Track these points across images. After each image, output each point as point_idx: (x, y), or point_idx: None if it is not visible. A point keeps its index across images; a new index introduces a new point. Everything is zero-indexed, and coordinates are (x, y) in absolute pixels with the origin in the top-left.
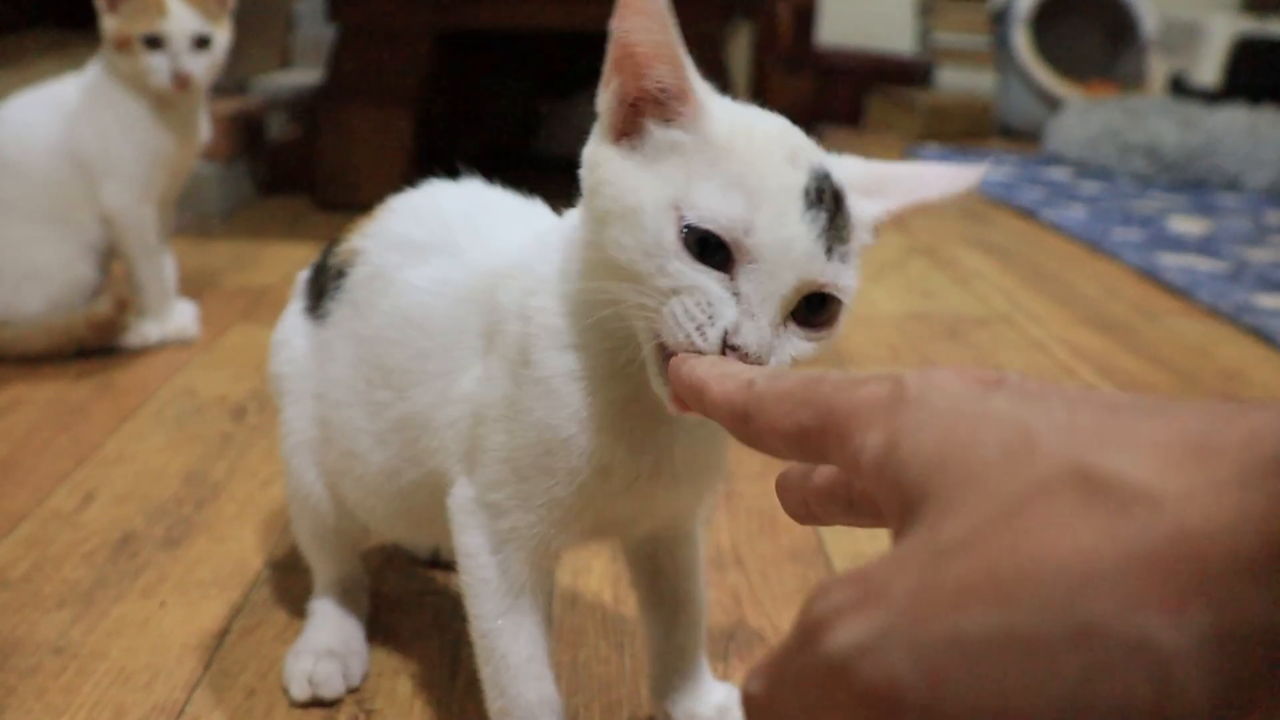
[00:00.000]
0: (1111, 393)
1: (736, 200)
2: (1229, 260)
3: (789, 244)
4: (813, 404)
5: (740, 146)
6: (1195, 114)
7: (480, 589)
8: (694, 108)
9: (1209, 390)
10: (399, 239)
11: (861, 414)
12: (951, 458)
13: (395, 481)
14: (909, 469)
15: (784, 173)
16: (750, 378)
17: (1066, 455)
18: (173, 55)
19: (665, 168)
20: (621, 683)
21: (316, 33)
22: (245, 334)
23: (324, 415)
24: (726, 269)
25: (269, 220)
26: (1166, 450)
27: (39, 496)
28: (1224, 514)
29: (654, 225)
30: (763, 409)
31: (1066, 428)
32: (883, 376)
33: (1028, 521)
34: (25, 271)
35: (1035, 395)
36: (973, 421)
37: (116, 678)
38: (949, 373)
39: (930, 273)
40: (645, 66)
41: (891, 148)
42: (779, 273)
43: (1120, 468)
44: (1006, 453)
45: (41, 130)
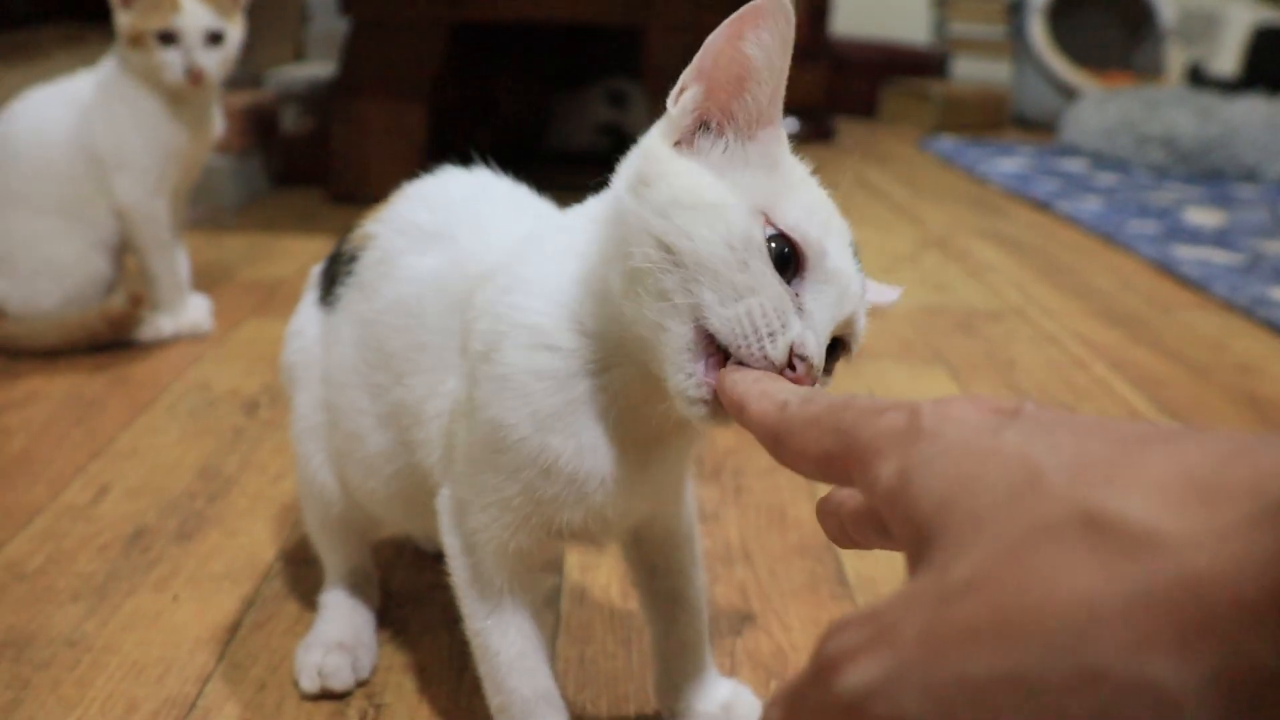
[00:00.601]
0: (1124, 423)
1: (816, 223)
2: (1245, 253)
3: (851, 277)
4: (837, 431)
5: (808, 182)
6: (1213, 104)
7: (465, 590)
8: (775, 131)
9: (1224, 384)
10: (407, 224)
11: (879, 444)
12: (959, 496)
13: (392, 464)
14: (920, 504)
15: (838, 218)
16: (784, 399)
17: (1072, 496)
18: (186, 50)
19: (741, 177)
20: (629, 678)
21: (330, 26)
22: (258, 327)
23: (329, 398)
24: (791, 285)
25: (282, 213)
26: (1172, 490)
27: (54, 490)
28: (1229, 558)
29: (742, 223)
30: (792, 434)
31: (1073, 465)
32: (902, 405)
33: (1033, 563)
34: (40, 266)
35: (1046, 428)
36: (982, 458)
37: (129, 671)
38: (966, 403)
39: (943, 266)
40: (750, 87)
41: (906, 138)
42: (842, 300)
43: (1125, 509)
44: (1013, 492)
45: (56, 125)
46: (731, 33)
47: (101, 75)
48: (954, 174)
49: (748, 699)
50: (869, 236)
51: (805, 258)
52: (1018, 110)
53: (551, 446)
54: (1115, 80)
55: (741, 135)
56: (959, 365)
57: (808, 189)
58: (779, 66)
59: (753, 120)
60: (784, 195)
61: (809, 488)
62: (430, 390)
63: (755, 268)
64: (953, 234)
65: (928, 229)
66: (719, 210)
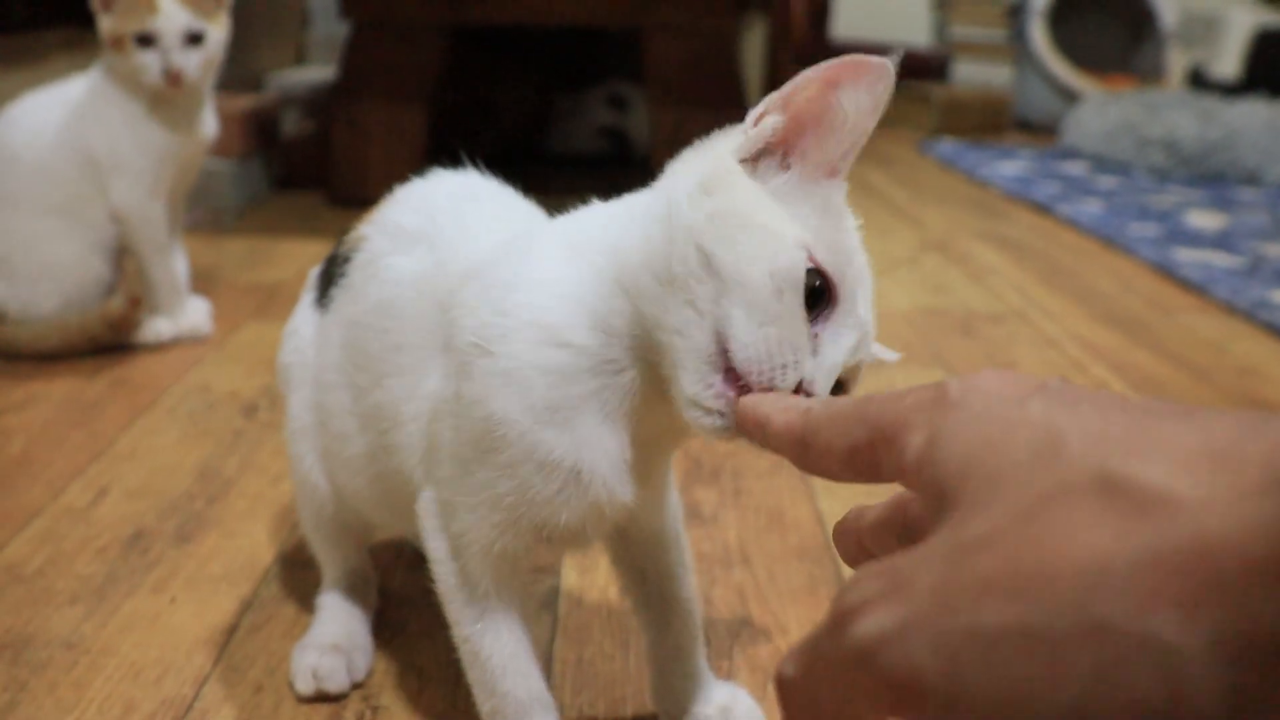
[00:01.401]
0: (1147, 400)
1: (853, 272)
2: (1246, 256)
3: (870, 330)
4: (864, 420)
5: (857, 236)
6: (1214, 107)
7: (451, 595)
8: (839, 184)
9: (1224, 387)
10: (393, 226)
11: (907, 418)
12: (982, 457)
13: (374, 466)
14: (943, 467)
15: (870, 276)
16: (808, 405)
17: (1091, 461)
18: (164, 52)
19: (796, 210)
20: (627, 681)
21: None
22: (258, 330)
23: (319, 399)
24: (813, 322)
25: (283, 216)
26: (1190, 457)
27: (53, 492)
28: (1241, 521)
29: (789, 254)
30: (818, 433)
31: (1096, 433)
32: (928, 385)
33: (1048, 521)
34: (40, 269)
35: (1071, 401)
36: (1006, 424)
37: (127, 673)
38: (992, 375)
39: (944, 268)
40: (830, 133)
41: (907, 142)
42: (857, 348)
43: (1142, 472)
44: (1034, 454)
45: (52, 129)
46: (830, 77)
47: (91, 79)
48: (955, 177)
49: (746, 702)
50: (869, 239)
51: (837, 299)
52: (1018, 113)
53: (548, 441)
54: (1116, 83)
55: (807, 176)
56: (959, 367)
57: (854, 240)
58: (864, 127)
59: (822, 166)
60: (831, 238)
61: (808, 489)
62: (408, 393)
63: (788, 299)
64: (953, 236)
65: (928, 231)
66: (771, 235)
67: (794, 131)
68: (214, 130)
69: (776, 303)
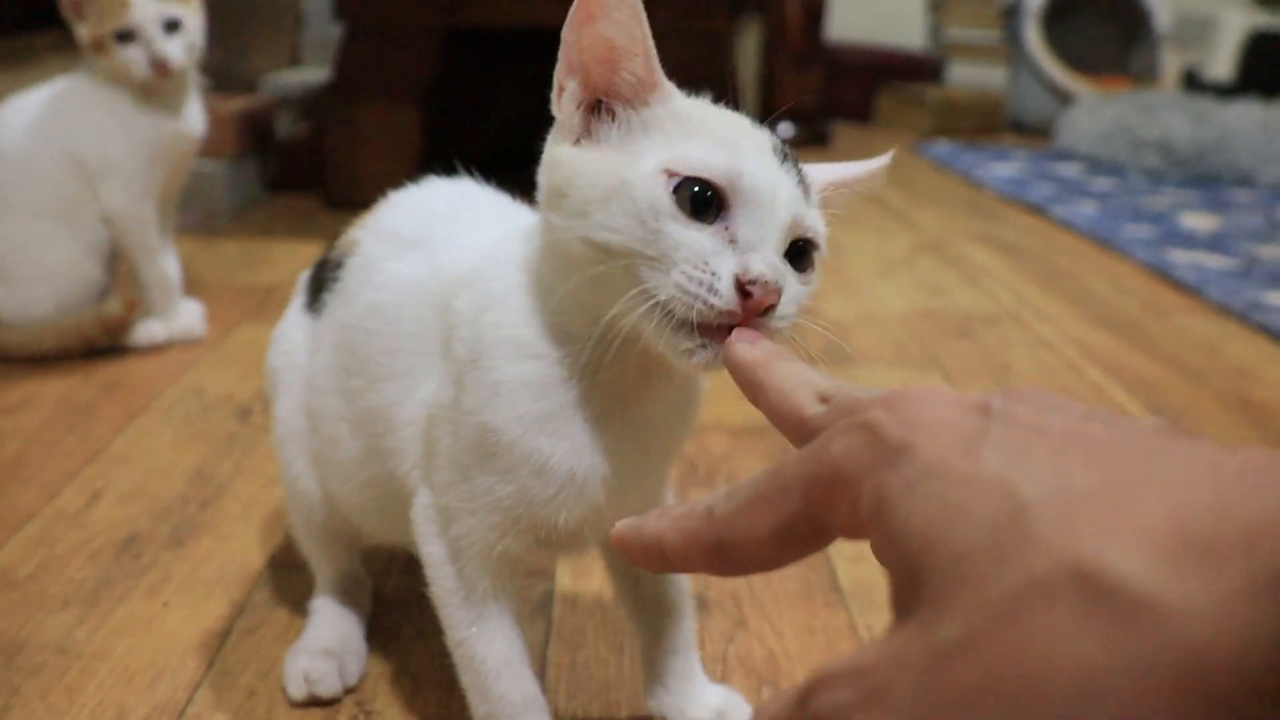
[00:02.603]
0: (1100, 428)
1: (722, 152)
2: (1240, 257)
3: (777, 185)
4: (788, 490)
5: (709, 115)
6: (1208, 109)
7: (447, 599)
8: (662, 91)
9: (1218, 389)
10: (387, 232)
11: (842, 471)
12: (941, 533)
13: (366, 471)
14: (901, 539)
15: (753, 133)
16: (705, 507)
17: (1061, 546)
18: (147, 43)
19: (640, 145)
20: (621, 684)
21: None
22: (252, 333)
23: (311, 403)
24: (721, 220)
25: (277, 218)
26: (1167, 545)
27: (46, 496)
28: (1233, 630)
29: (646, 193)
30: (733, 529)
31: (1059, 504)
32: (850, 425)
33: (1028, 626)
34: (34, 273)
35: (1022, 445)
36: (960, 486)
37: (120, 678)
38: (926, 403)
39: (939, 270)
40: (621, 61)
41: (901, 143)
42: (774, 210)
43: (1120, 569)
44: (999, 533)
45: (42, 130)
46: (582, 18)
47: (74, 80)
48: (949, 178)
49: (740, 706)
50: (864, 240)
51: (722, 188)
52: (1013, 115)
53: (543, 449)
54: (1110, 85)
55: (632, 108)
56: (954, 370)
57: (710, 121)
58: (639, 33)
59: (637, 91)
60: (680, 143)
61: None
62: (402, 396)
63: (669, 230)
64: (948, 238)
65: (923, 233)
66: (626, 190)
67: (593, 84)
68: (202, 126)
69: (664, 242)
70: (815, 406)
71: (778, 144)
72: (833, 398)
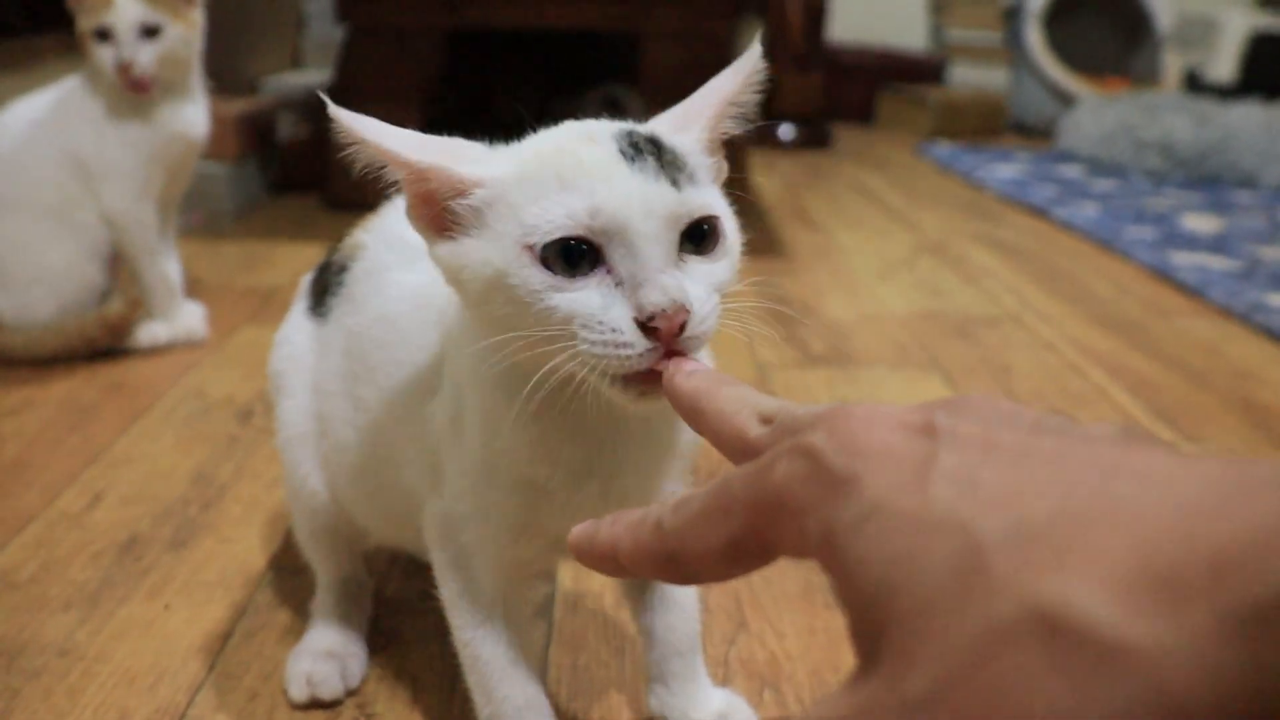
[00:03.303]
0: (1053, 447)
1: (563, 198)
2: (1242, 259)
3: (630, 197)
4: (732, 510)
5: (535, 164)
6: (1210, 110)
7: (455, 601)
8: (476, 181)
9: (1221, 390)
10: (396, 238)
11: (785, 498)
12: (900, 580)
13: (376, 477)
14: (858, 583)
15: (589, 151)
16: (655, 519)
17: (1021, 588)
18: (118, 45)
19: (492, 228)
20: (621, 687)
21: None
22: (254, 334)
23: (319, 407)
24: (602, 265)
25: (279, 220)
26: (1130, 582)
27: (48, 497)
28: (1204, 673)
29: (518, 279)
30: (684, 544)
31: (1015, 536)
32: (793, 449)
33: (996, 676)
34: (35, 275)
35: (971, 472)
36: (914, 527)
37: (121, 680)
38: (868, 424)
39: (939, 271)
40: (420, 187)
41: (903, 144)
42: (641, 226)
43: (1085, 610)
44: (957, 575)
45: (43, 133)
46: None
47: (76, 82)
48: (951, 180)
49: (742, 709)
50: (865, 241)
51: (586, 235)
52: (1014, 116)
53: (539, 474)
54: (1112, 86)
55: (465, 204)
56: (955, 371)
57: (547, 166)
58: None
59: (461, 193)
60: (530, 206)
61: None
62: (409, 411)
63: (555, 302)
64: (949, 239)
65: (924, 234)
66: (499, 280)
67: (421, 205)
68: (204, 129)
69: (554, 312)
70: (758, 428)
71: (623, 134)
72: (774, 417)
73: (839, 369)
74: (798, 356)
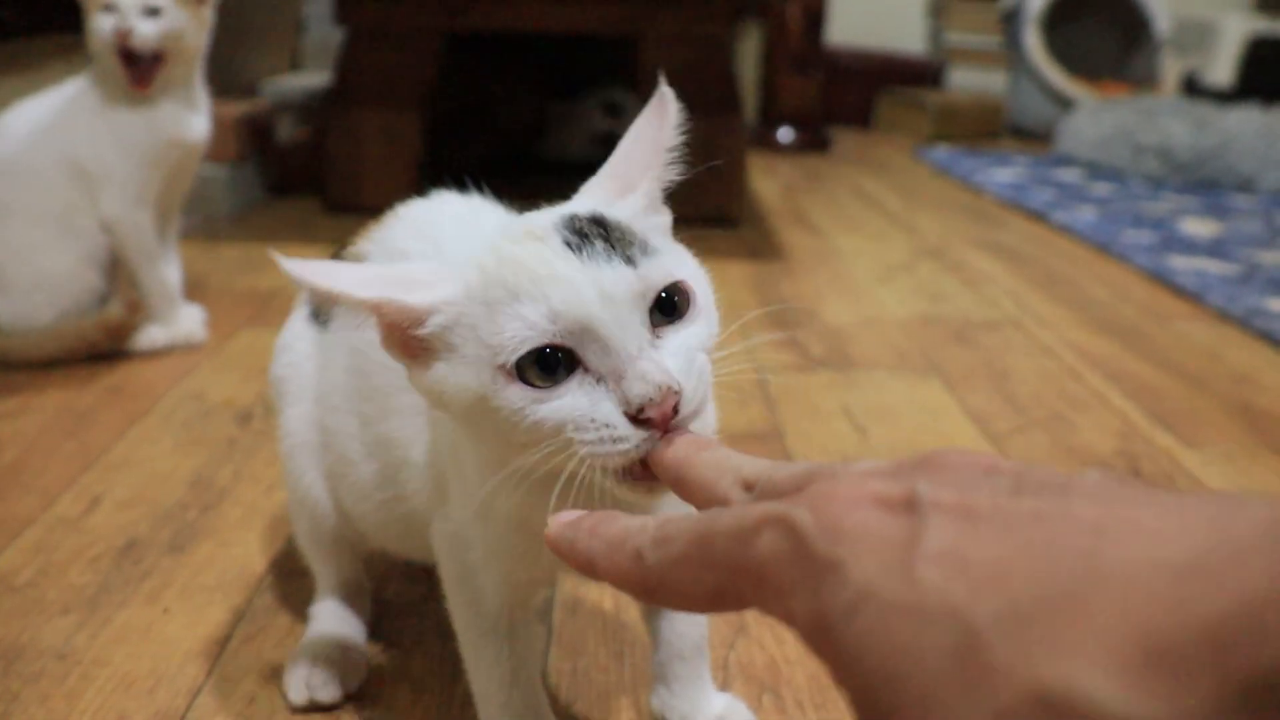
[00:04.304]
0: (1034, 510)
1: (520, 310)
2: (1240, 263)
3: (583, 289)
4: (714, 566)
5: (483, 279)
6: (1208, 114)
7: (461, 612)
8: (427, 309)
9: (1219, 395)
10: (397, 251)
11: (772, 578)
12: (903, 672)
13: (381, 492)
14: (856, 671)
15: (534, 252)
16: (636, 548)
17: (1024, 674)
18: (120, 14)
19: (459, 350)
20: (621, 691)
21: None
22: (253, 337)
23: (323, 420)
24: (579, 365)
25: (277, 223)
26: (1132, 660)
27: (46, 501)
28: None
29: (498, 396)
30: (665, 582)
31: (1009, 619)
32: (776, 521)
33: None
34: (34, 280)
35: (958, 552)
36: (906, 619)
37: (119, 684)
38: (846, 504)
39: (939, 275)
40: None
41: (901, 148)
42: (605, 316)
43: (1087, 691)
44: (957, 668)
45: (44, 137)
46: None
47: (77, 86)
48: (949, 184)
49: (742, 713)
50: (864, 246)
51: (554, 341)
52: (1013, 120)
53: (535, 521)
54: (1110, 90)
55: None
56: (954, 376)
57: (481, 284)
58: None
59: (410, 320)
60: (486, 331)
61: None
62: (414, 434)
63: (543, 414)
64: (948, 244)
65: (923, 238)
66: (482, 406)
67: (387, 330)
68: (205, 134)
69: (545, 423)
70: (740, 496)
71: (566, 223)
72: (756, 483)
73: (839, 372)
74: (798, 360)
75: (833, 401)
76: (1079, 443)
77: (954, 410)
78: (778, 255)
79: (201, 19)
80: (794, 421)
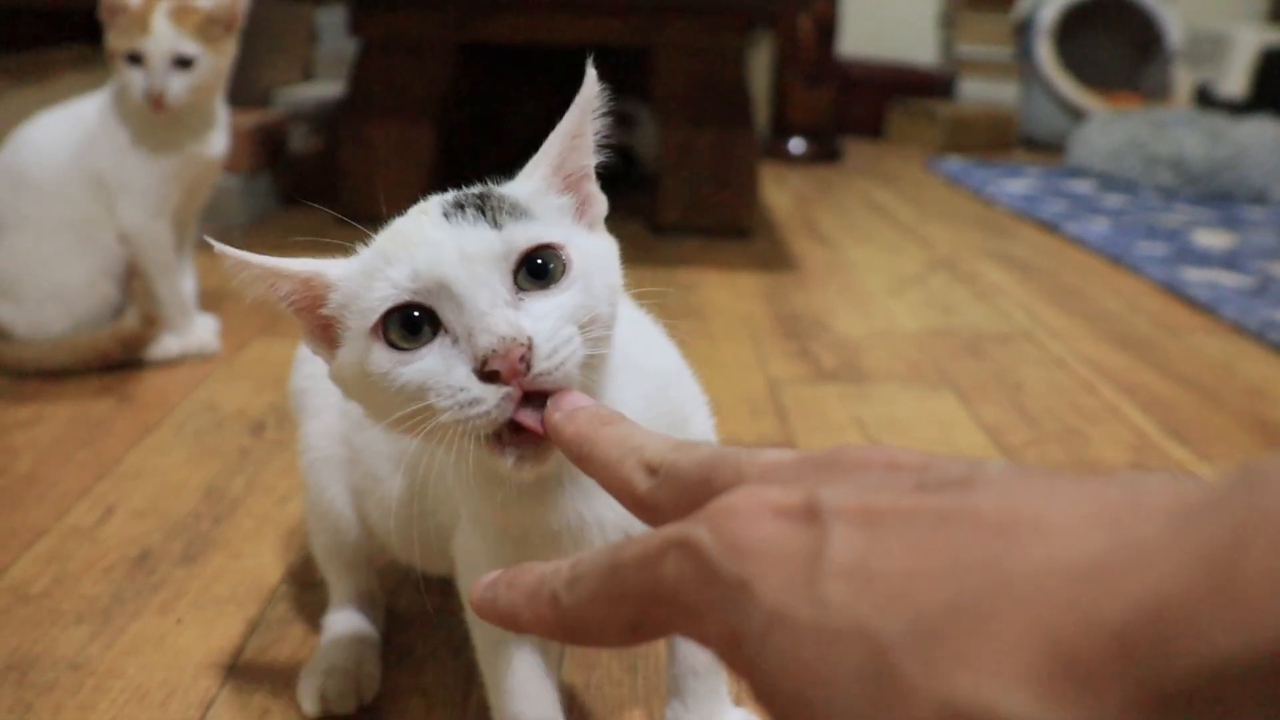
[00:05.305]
0: (936, 507)
1: (389, 272)
2: (1254, 275)
3: (442, 248)
4: (626, 598)
5: (371, 252)
6: (1221, 125)
7: (477, 623)
8: (325, 283)
9: (1233, 408)
10: None
11: (682, 602)
12: (815, 698)
13: (409, 509)
14: (773, 694)
15: (414, 223)
16: (551, 592)
17: (934, 692)
18: (149, 73)
19: (352, 328)
20: (634, 705)
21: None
22: (265, 347)
23: (347, 434)
24: (440, 328)
25: (290, 233)
26: (1042, 671)
27: (59, 511)
28: None
29: (370, 360)
30: (583, 620)
31: (916, 633)
32: (679, 546)
33: None
34: (49, 290)
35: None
36: (814, 640)
37: (133, 695)
38: (746, 519)
39: (951, 287)
40: (297, 304)
41: (912, 159)
42: (458, 273)
43: (995, 704)
44: (868, 688)
45: (63, 148)
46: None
47: (101, 99)
48: (961, 195)
49: None
50: (876, 257)
51: (408, 301)
52: (1025, 131)
53: (514, 533)
54: (1123, 101)
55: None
56: (966, 388)
57: (375, 249)
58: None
59: (311, 295)
60: (360, 299)
61: None
62: None
63: (405, 375)
64: (960, 255)
65: (935, 250)
66: (361, 373)
67: (309, 325)
68: (224, 150)
69: (408, 385)
70: (645, 481)
71: (453, 199)
72: (659, 468)
73: (851, 385)
74: (809, 372)
75: (844, 413)
76: (1092, 456)
77: (966, 423)
78: (789, 266)
79: (226, 53)
80: (806, 434)
